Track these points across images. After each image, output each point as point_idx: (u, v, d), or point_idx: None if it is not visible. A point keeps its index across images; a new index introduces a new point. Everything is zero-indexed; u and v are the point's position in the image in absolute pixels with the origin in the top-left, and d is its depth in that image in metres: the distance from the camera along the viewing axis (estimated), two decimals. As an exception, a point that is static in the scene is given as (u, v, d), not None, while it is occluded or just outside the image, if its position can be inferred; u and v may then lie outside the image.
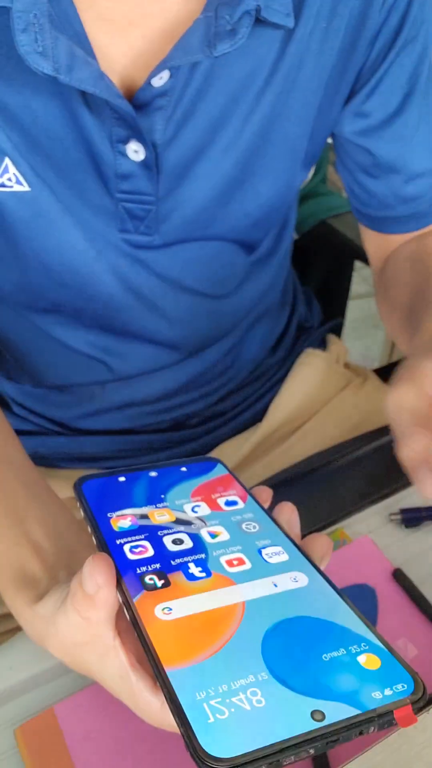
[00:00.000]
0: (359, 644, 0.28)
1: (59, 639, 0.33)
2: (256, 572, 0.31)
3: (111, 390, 0.65)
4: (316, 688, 0.26)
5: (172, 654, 0.27)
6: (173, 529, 0.34)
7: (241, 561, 0.32)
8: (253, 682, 0.26)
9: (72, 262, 0.52)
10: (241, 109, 0.49)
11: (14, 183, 0.47)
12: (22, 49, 0.39)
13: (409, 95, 0.54)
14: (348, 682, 0.26)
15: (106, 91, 0.42)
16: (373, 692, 0.25)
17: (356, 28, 0.49)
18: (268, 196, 0.55)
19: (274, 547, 0.33)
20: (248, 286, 0.64)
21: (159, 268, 0.56)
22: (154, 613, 0.29)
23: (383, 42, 0.51)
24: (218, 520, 0.35)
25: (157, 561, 0.32)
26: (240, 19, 0.42)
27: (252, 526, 0.35)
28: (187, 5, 0.44)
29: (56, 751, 0.40)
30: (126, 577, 0.31)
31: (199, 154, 0.50)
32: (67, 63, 0.41)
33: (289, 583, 0.31)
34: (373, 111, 0.54)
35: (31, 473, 0.45)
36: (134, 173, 0.49)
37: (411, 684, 0.26)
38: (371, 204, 0.62)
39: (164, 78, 0.45)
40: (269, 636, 0.28)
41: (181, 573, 0.31)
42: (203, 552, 0.32)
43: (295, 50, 0.47)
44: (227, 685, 0.26)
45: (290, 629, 0.28)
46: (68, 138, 0.46)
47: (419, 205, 0.60)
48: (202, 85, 0.46)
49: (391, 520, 0.53)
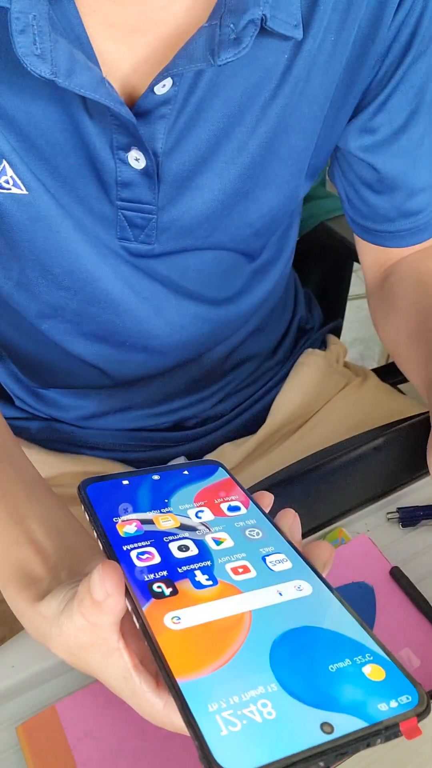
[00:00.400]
0: (364, 654, 0.28)
1: (63, 640, 0.33)
2: (261, 581, 0.32)
3: (109, 394, 0.66)
4: (324, 700, 0.26)
5: (184, 665, 0.27)
6: (178, 535, 0.34)
7: (246, 569, 0.32)
8: (263, 694, 0.26)
9: (71, 266, 0.52)
10: (247, 120, 0.48)
11: (12, 186, 0.47)
12: (20, 50, 0.39)
13: (415, 111, 0.53)
14: (354, 693, 0.26)
15: (107, 97, 0.42)
16: (379, 704, 0.26)
17: (365, 43, 0.48)
18: (271, 206, 0.55)
19: (278, 555, 0.33)
20: (249, 293, 0.64)
21: (159, 275, 0.55)
22: (163, 622, 0.29)
23: (392, 58, 0.50)
24: (222, 526, 0.35)
25: (164, 568, 0.32)
26: (245, 28, 0.41)
27: (255, 532, 0.35)
28: (192, 13, 0.44)
29: (58, 749, 0.40)
30: (134, 585, 0.31)
31: (202, 165, 0.49)
32: (67, 67, 0.40)
33: (293, 592, 0.31)
34: (380, 127, 0.54)
35: (31, 472, 0.45)
36: (135, 181, 0.48)
37: (415, 696, 0.26)
38: (370, 217, 0.61)
39: (167, 86, 0.44)
40: (276, 646, 0.28)
41: (188, 581, 0.31)
42: (209, 559, 0.33)
43: (303, 62, 0.47)
44: (238, 697, 0.26)
45: (296, 639, 0.28)
46: (68, 143, 0.46)
47: (419, 219, 0.60)
48: (206, 95, 0.46)
49: (389, 520, 0.53)
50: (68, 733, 0.40)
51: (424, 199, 0.59)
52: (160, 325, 0.58)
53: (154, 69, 0.44)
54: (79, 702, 0.42)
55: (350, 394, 0.74)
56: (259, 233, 0.57)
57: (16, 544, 0.39)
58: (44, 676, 0.44)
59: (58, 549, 0.39)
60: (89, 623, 0.31)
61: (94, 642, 0.32)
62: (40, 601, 0.35)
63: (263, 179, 0.52)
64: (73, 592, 0.33)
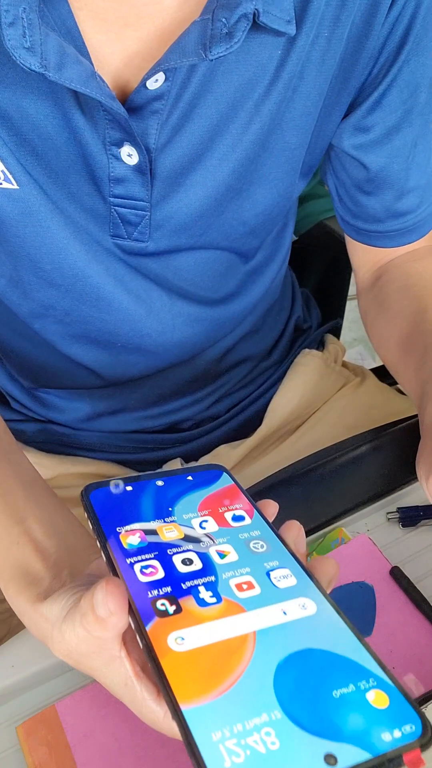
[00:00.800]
0: (368, 680, 0.28)
1: (64, 645, 0.33)
2: (266, 598, 0.31)
3: (103, 396, 0.65)
4: (327, 728, 0.26)
5: (187, 690, 0.27)
6: (182, 548, 0.34)
7: (250, 585, 0.32)
8: (267, 722, 0.26)
9: (62, 263, 0.51)
10: (241, 116, 0.48)
11: (2, 180, 0.47)
12: (9, 43, 0.38)
13: (409, 111, 0.53)
14: (358, 722, 0.26)
15: (98, 91, 0.41)
16: (383, 733, 0.25)
17: (359, 40, 0.48)
18: (265, 205, 0.54)
19: (282, 570, 0.33)
20: (244, 294, 0.63)
21: (152, 274, 0.55)
22: (167, 643, 0.29)
23: (387, 55, 0.50)
24: (226, 538, 0.35)
25: (167, 584, 0.31)
26: (237, 23, 0.41)
27: (260, 545, 0.34)
28: (184, 8, 0.44)
29: (58, 749, 0.40)
30: (137, 601, 0.30)
31: (195, 161, 0.49)
32: (57, 61, 0.40)
33: (297, 611, 0.31)
34: (375, 125, 0.53)
35: (30, 472, 0.45)
36: (128, 177, 0.48)
37: (419, 725, 0.26)
38: (360, 216, 0.61)
39: (159, 81, 0.44)
40: (280, 670, 0.28)
41: (191, 598, 0.31)
42: (213, 574, 0.32)
43: (296, 58, 0.46)
44: (242, 725, 0.25)
45: (300, 663, 0.28)
46: (60, 139, 0.46)
47: (408, 220, 0.60)
48: (200, 90, 0.46)
49: (389, 520, 0.53)
50: (68, 732, 0.40)
51: (413, 200, 0.59)
52: (152, 325, 0.58)
53: (147, 64, 0.44)
54: (79, 702, 0.42)
55: (348, 394, 0.74)
56: (254, 232, 0.57)
57: (17, 543, 0.39)
58: (44, 676, 0.44)
59: (58, 548, 0.39)
60: (92, 637, 0.31)
61: (96, 651, 0.32)
62: (41, 601, 0.35)
63: (257, 176, 0.52)
64: (76, 598, 0.33)
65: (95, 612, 0.30)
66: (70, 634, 0.32)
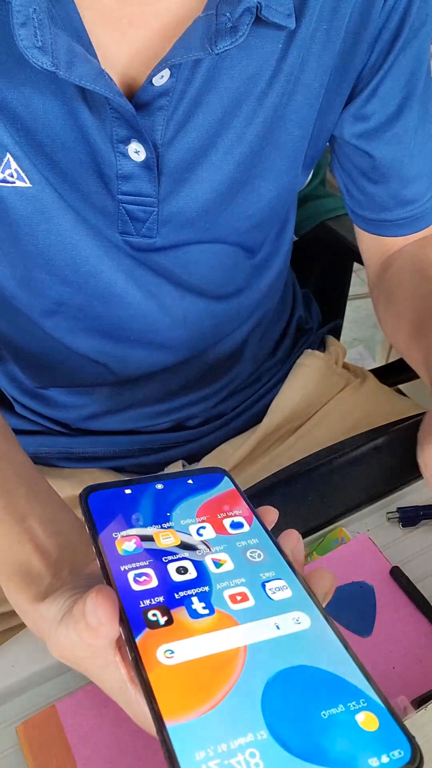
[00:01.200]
0: (358, 700, 0.27)
1: (60, 648, 0.33)
2: (259, 611, 0.31)
3: (112, 391, 0.66)
4: (314, 751, 0.25)
5: (173, 706, 0.26)
6: (178, 555, 0.33)
7: (244, 597, 0.31)
8: (252, 742, 0.25)
9: (74, 259, 0.52)
10: (244, 110, 0.49)
11: (16, 179, 0.47)
12: (22, 43, 0.39)
13: (407, 98, 0.54)
14: (346, 745, 0.25)
15: (106, 88, 0.42)
16: (370, 758, 0.25)
17: (357, 30, 0.49)
18: (269, 198, 0.55)
19: (278, 581, 0.32)
20: (250, 288, 0.64)
21: (161, 269, 0.56)
22: (156, 656, 0.28)
23: (383, 44, 0.51)
24: (223, 546, 0.34)
25: (160, 593, 0.31)
26: (241, 16, 0.42)
27: (257, 554, 0.34)
28: (187, 4, 0.45)
29: (58, 748, 0.40)
30: (129, 611, 0.30)
31: (201, 156, 0.50)
32: (67, 59, 0.41)
33: (291, 625, 0.30)
34: (374, 114, 0.54)
35: (32, 472, 0.45)
36: (135, 174, 0.49)
37: (408, 751, 0.25)
38: (368, 206, 0.62)
39: (165, 77, 0.45)
40: (269, 688, 0.27)
41: (184, 609, 0.30)
42: (207, 584, 0.32)
43: (297, 51, 0.47)
44: (227, 745, 0.25)
45: (290, 680, 0.28)
46: (69, 137, 0.46)
47: (416, 208, 0.61)
48: (204, 86, 0.46)
49: (389, 519, 0.53)
50: (68, 732, 0.40)
51: (419, 188, 0.59)
52: (163, 320, 0.58)
53: (152, 61, 0.45)
54: (78, 701, 0.42)
55: (349, 395, 0.74)
56: (259, 226, 0.58)
57: (17, 543, 0.39)
58: (44, 675, 0.44)
59: (58, 547, 0.39)
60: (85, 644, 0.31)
61: (90, 656, 0.32)
62: (41, 600, 0.35)
63: (262, 169, 0.53)
64: (72, 600, 0.33)
65: (86, 620, 0.30)
66: (65, 638, 0.32)
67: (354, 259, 0.90)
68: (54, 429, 0.69)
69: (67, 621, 0.32)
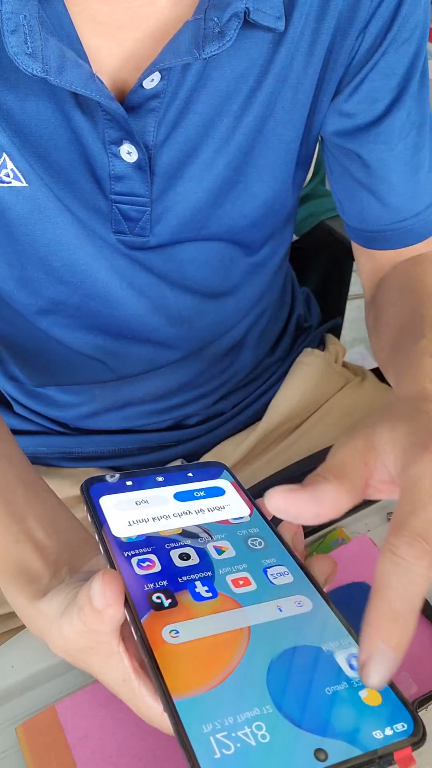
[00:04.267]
0: None
1: (63, 641, 0.33)
2: (262, 594, 0.31)
3: (111, 390, 0.66)
4: (319, 724, 0.25)
5: (180, 682, 0.27)
6: (180, 542, 0.34)
7: (246, 581, 0.32)
8: (258, 715, 0.25)
9: (70, 259, 0.52)
10: (233, 110, 0.49)
11: (12, 178, 0.48)
12: (12, 50, 0.40)
13: (397, 100, 0.52)
14: (350, 718, 0.26)
15: (97, 92, 0.43)
16: (374, 731, 0.25)
17: (345, 28, 0.49)
18: (265, 197, 0.55)
19: (279, 567, 0.33)
20: (248, 286, 0.64)
21: (156, 268, 0.56)
22: (161, 635, 0.29)
23: (371, 40, 0.50)
24: (224, 534, 0.35)
25: (164, 577, 0.31)
26: (228, 22, 0.42)
27: (257, 542, 0.34)
28: (177, 8, 0.45)
29: (57, 749, 0.40)
30: (133, 594, 0.30)
31: (192, 156, 0.50)
32: (57, 64, 0.41)
33: (293, 608, 0.30)
34: (357, 112, 0.53)
35: (30, 472, 0.45)
36: (128, 175, 0.49)
37: (411, 724, 0.26)
38: (362, 218, 0.60)
39: (155, 80, 0.45)
40: (274, 666, 0.28)
41: (187, 592, 0.31)
42: (210, 569, 0.32)
43: (285, 52, 0.47)
44: (233, 718, 0.25)
45: (294, 659, 0.28)
46: (62, 139, 0.47)
47: (405, 219, 0.59)
48: (194, 87, 0.47)
49: (389, 519, 0.53)
50: (68, 733, 0.40)
51: (407, 197, 0.57)
52: (159, 318, 0.58)
53: (143, 64, 0.45)
54: (79, 702, 0.42)
55: (349, 394, 0.74)
56: (256, 225, 0.58)
57: (16, 542, 0.39)
58: (44, 676, 0.44)
59: (58, 547, 0.39)
60: (90, 630, 0.31)
61: (95, 645, 0.32)
62: (40, 599, 0.35)
63: (253, 169, 0.53)
64: (74, 594, 0.33)
65: (92, 604, 0.30)
66: (68, 628, 0.32)
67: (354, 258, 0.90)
68: (52, 429, 0.69)
69: (71, 610, 0.32)
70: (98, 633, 0.31)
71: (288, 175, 0.56)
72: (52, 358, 0.62)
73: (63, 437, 0.69)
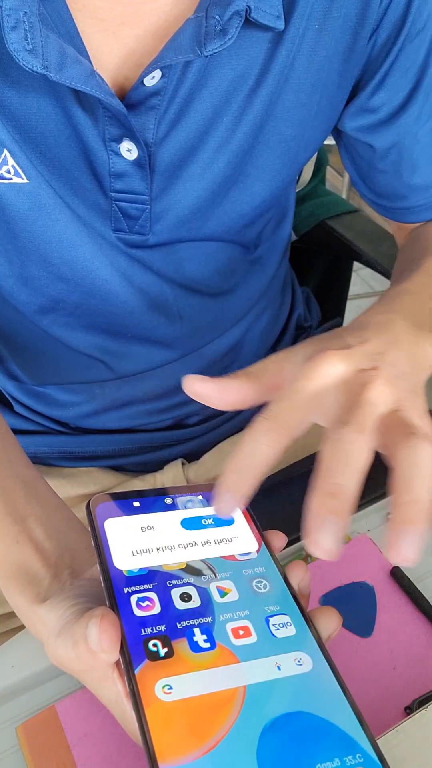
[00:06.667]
0: (354, 754, 0.27)
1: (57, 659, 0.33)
2: (261, 648, 0.30)
3: (111, 388, 0.66)
4: None
5: (168, 746, 0.26)
6: (183, 580, 0.33)
7: (247, 632, 0.31)
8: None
9: (70, 256, 0.52)
10: (233, 109, 0.49)
11: (13, 175, 0.48)
12: (12, 46, 0.40)
13: (415, 89, 0.54)
14: None
15: (98, 89, 0.43)
16: None
17: (355, 29, 0.49)
18: (263, 196, 0.55)
19: (282, 617, 0.32)
20: (247, 284, 0.64)
21: (155, 266, 0.56)
22: (154, 690, 0.28)
23: (385, 37, 0.51)
24: (229, 573, 0.34)
25: (162, 621, 0.30)
26: (230, 19, 0.42)
27: (263, 584, 0.33)
28: (179, 5, 0.45)
29: (58, 749, 0.40)
30: (129, 639, 0.29)
31: (192, 154, 0.50)
32: (58, 61, 0.41)
33: (292, 667, 0.30)
34: (381, 106, 0.55)
35: (31, 472, 0.45)
36: (128, 172, 0.49)
37: None
38: (385, 196, 0.62)
39: (156, 77, 0.45)
40: (266, 734, 0.27)
41: (185, 641, 0.30)
42: (210, 615, 0.31)
43: (286, 51, 0.48)
44: None
45: (287, 727, 0.27)
46: (62, 136, 0.47)
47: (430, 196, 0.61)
48: (195, 85, 0.47)
49: (389, 519, 0.53)
50: (68, 732, 0.40)
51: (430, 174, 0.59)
52: (159, 317, 0.59)
53: (144, 61, 0.45)
54: (78, 702, 0.42)
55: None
56: (253, 224, 0.58)
57: (16, 543, 0.39)
58: (44, 676, 0.44)
59: (58, 548, 0.39)
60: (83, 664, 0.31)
61: (88, 670, 0.32)
62: (40, 602, 0.35)
63: (253, 168, 0.53)
64: (72, 612, 0.33)
65: (87, 643, 0.29)
66: (63, 651, 0.32)
67: (354, 258, 0.90)
68: (53, 428, 0.69)
69: (66, 637, 0.31)
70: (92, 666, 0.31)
71: (287, 175, 0.56)
72: (52, 356, 0.62)
73: (63, 437, 0.69)
